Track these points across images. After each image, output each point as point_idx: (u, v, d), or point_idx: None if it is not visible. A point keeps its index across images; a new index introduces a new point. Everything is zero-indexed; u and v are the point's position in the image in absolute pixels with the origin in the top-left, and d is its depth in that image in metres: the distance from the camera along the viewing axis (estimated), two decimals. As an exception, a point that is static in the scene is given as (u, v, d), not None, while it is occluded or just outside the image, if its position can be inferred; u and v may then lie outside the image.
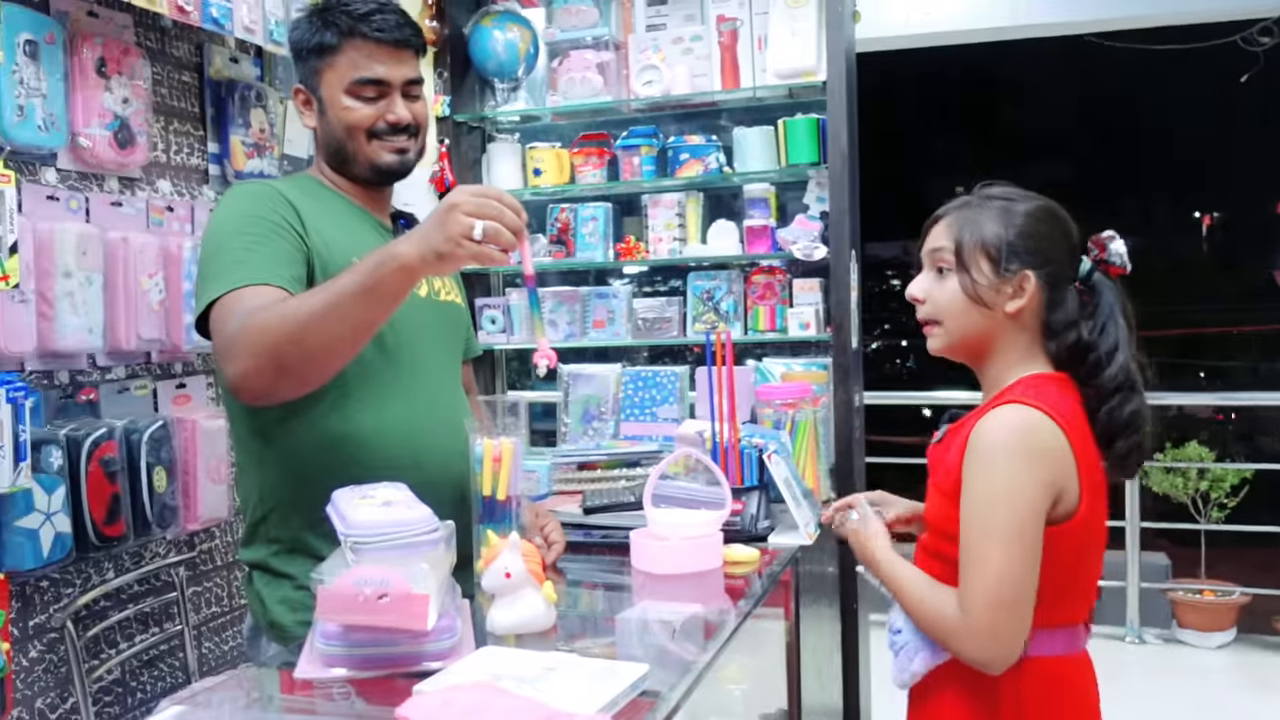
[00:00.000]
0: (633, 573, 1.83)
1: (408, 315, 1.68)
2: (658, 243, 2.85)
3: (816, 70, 2.65)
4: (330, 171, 1.77)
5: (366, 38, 1.68)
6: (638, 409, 2.83)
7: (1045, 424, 1.38)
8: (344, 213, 1.73)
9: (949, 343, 1.51)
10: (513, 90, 2.94)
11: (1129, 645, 4.39)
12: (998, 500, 1.36)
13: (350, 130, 1.69)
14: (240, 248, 1.55)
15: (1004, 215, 1.47)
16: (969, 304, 1.46)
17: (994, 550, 1.35)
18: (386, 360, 1.68)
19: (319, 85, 1.71)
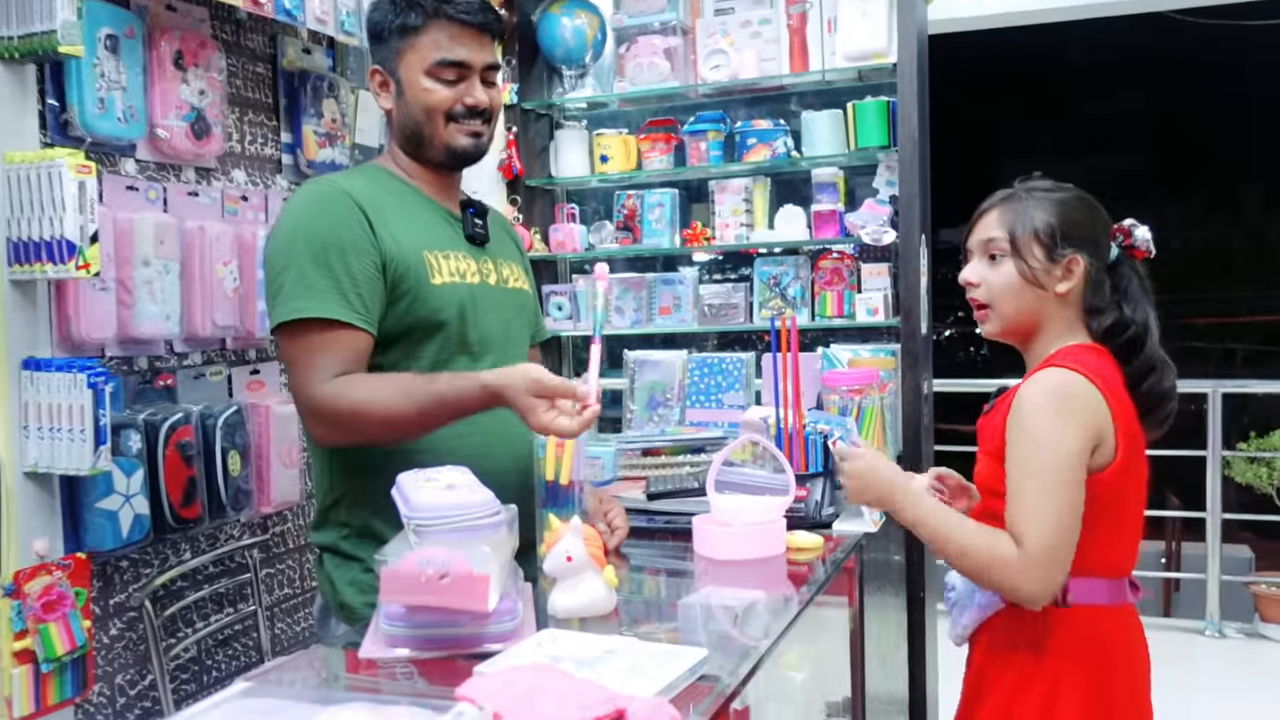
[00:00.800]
0: (695, 558, 1.83)
1: (479, 303, 1.73)
2: (724, 228, 2.84)
3: (887, 52, 2.62)
4: (403, 157, 1.78)
5: (451, 19, 1.70)
6: (703, 395, 2.82)
7: (1081, 382, 1.49)
8: (413, 204, 1.75)
9: (1003, 325, 1.63)
10: (580, 77, 2.94)
11: (1208, 639, 4.28)
12: (1040, 448, 1.47)
13: (429, 112, 1.71)
14: (314, 268, 1.59)
15: (1049, 205, 1.59)
16: (1023, 286, 1.58)
17: (1040, 489, 1.46)
18: (458, 348, 1.71)
19: (399, 66, 1.72)
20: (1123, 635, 1.57)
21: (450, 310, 1.69)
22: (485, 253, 1.81)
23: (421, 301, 1.66)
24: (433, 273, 1.68)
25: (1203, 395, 4.53)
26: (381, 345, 1.65)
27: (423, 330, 1.68)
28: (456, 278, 1.71)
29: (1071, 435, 1.47)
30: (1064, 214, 1.59)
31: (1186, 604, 5.86)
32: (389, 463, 1.58)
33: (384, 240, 1.64)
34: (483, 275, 1.77)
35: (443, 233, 1.75)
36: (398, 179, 1.77)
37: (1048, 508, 1.45)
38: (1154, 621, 4.86)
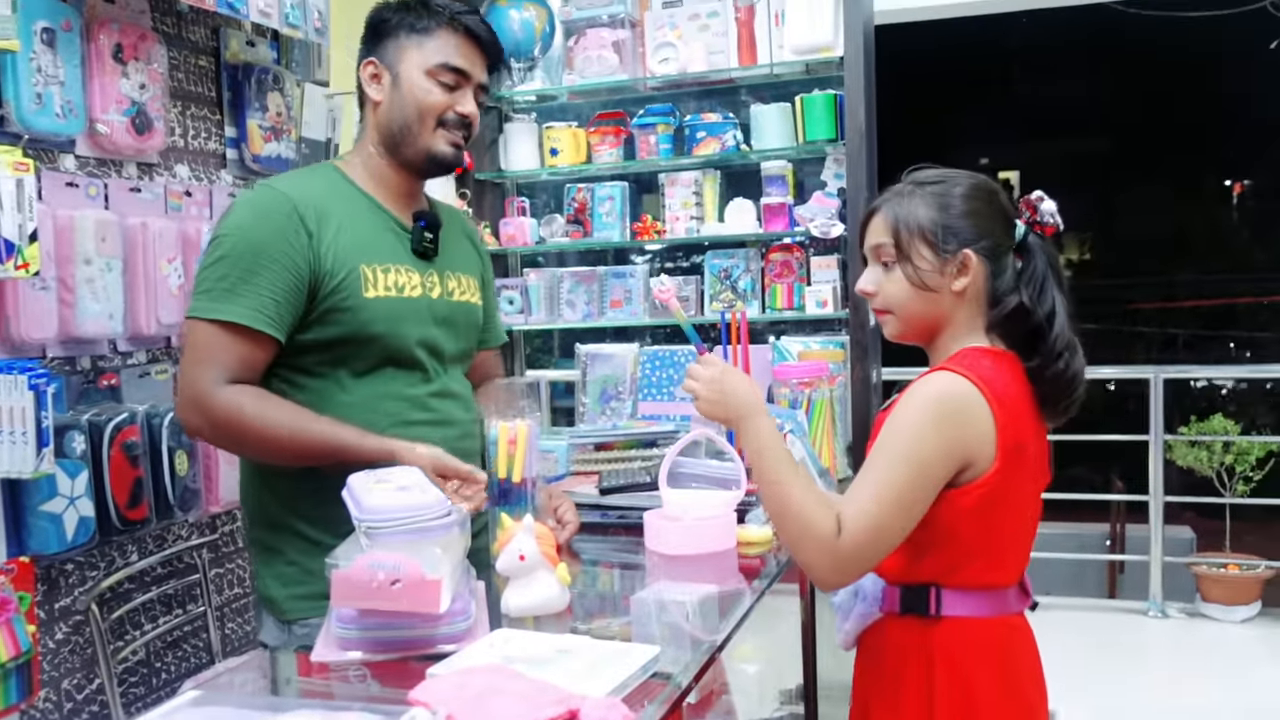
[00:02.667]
0: (647, 553, 1.84)
1: (414, 317, 1.75)
2: (675, 221, 2.85)
3: (834, 46, 2.63)
4: (373, 157, 1.79)
5: (461, 30, 1.76)
6: (655, 388, 2.83)
7: (968, 390, 1.42)
8: (362, 213, 1.75)
9: (902, 329, 1.56)
10: (529, 70, 2.93)
11: (1152, 619, 4.38)
12: (900, 448, 1.40)
13: (423, 112, 1.74)
14: (240, 273, 1.61)
15: (935, 199, 1.50)
16: (916, 291, 1.50)
17: (881, 486, 1.38)
18: (388, 361, 1.73)
19: (399, 60, 1.75)
20: (1001, 646, 1.50)
21: (381, 323, 1.70)
22: (432, 266, 1.81)
23: (353, 314, 1.67)
24: (367, 285, 1.69)
25: (1145, 380, 4.62)
26: (310, 353, 1.68)
27: (354, 342, 1.69)
28: (393, 291, 1.73)
29: (935, 447, 1.40)
30: (953, 206, 1.49)
31: (1131, 585, 5.99)
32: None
33: (321, 251, 1.66)
34: (425, 289, 1.78)
35: (386, 244, 1.76)
36: (352, 186, 1.78)
37: (877, 510, 1.37)
38: (1099, 603, 4.98)
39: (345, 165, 1.81)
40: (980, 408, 1.41)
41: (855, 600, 1.58)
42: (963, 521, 1.44)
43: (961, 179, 1.53)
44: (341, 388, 1.70)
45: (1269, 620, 4.32)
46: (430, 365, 1.78)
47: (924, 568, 1.49)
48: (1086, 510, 6.17)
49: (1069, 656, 3.93)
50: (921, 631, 1.50)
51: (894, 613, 1.53)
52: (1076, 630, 4.27)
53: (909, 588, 1.51)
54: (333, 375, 1.70)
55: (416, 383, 1.76)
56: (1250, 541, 4.74)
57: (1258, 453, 4.63)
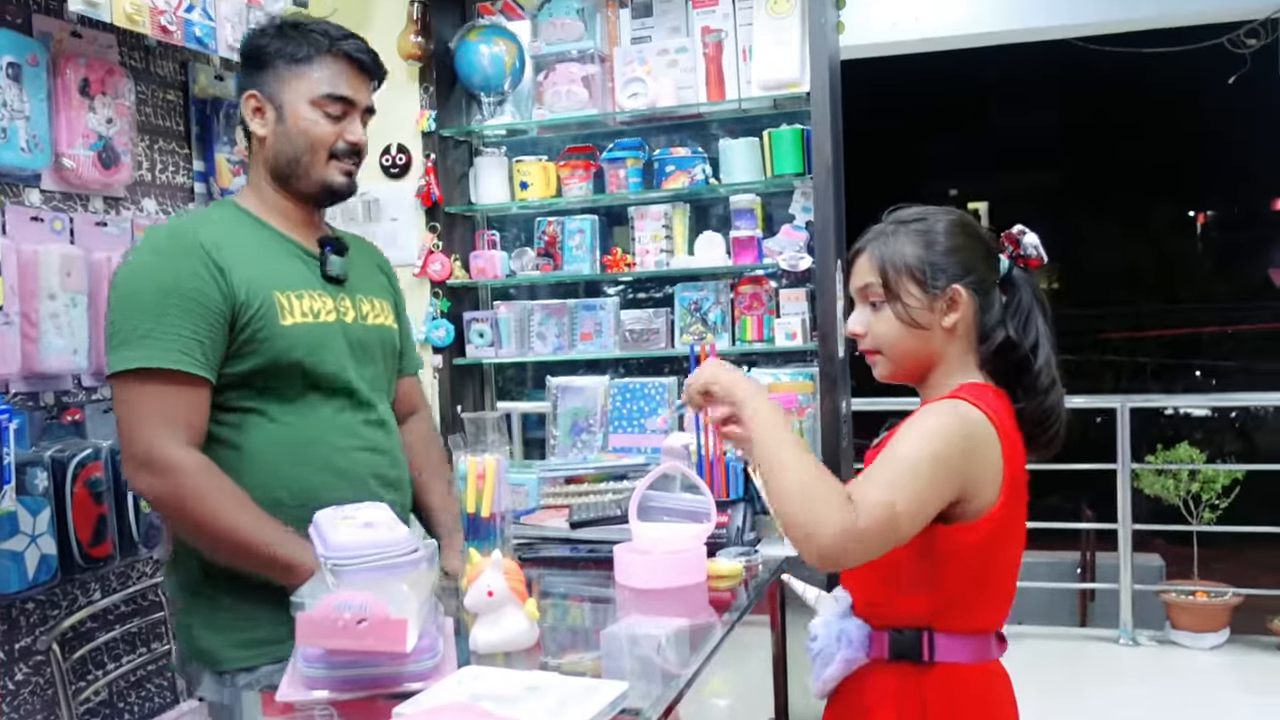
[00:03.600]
0: (617, 587, 1.84)
1: (332, 342, 1.74)
2: (645, 254, 2.86)
3: (801, 81, 2.66)
4: (266, 189, 1.77)
5: (342, 57, 1.74)
6: (626, 421, 2.84)
7: (982, 420, 1.39)
8: (267, 243, 1.74)
9: (893, 369, 1.53)
10: (499, 104, 2.94)
11: (1122, 647, 4.39)
12: (920, 443, 1.35)
13: (313, 145, 1.73)
14: (156, 317, 1.58)
15: (920, 236, 1.49)
16: (906, 330, 1.48)
17: (902, 478, 1.33)
18: (310, 388, 1.71)
19: (281, 92, 1.72)
20: (987, 695, 1.48)
21: (301, 350, 1.69)
22: (344, 290, 1.80)
23: (272, 342, 1.66)
24: (283, 313, 1.68)
25: (1112, 410, 4.67)
26: (234, 388, 1.66)
27: (274, 371, 1.68)
28: (309, 317, 1.71)
29: (951, 458, 1.36)
30: (938, 242, 1.48)
31: (1101, 613, 6.02)
32: None
33: (233, 284, 1.64)
34: (339, 313, 1.77)
35: (296, 271, 1.75)
36: (252, 218, 1.76)
37: (895, 498, 1.31)
38: (1070, 631, 4.99)
39: (242, 200, 1.79)
40: (991, 440, 1.40)
41: (839, 646, 1.52)
42: (963, 559, 1.41)
43: (941, 215, 1.53)
44: (268, 419, 1.68)
45: (1237, 648, 4.34)
46: (354, 391, 1.76)
47: (917, 609, 1.45)
48: (1057, 539, 6.20)
49: (1042, 685, 3.94)
50: (913, 679, 1.46)
51: (881, 659, 1.49)
52: (1049, 659, 4.28)
53: (900, 632, 1.47)
54: (257, 408, 1.68)
55: (343, 409, 1.75)
56: (1218, 569, 4.78)
57: (1223, 480, 4.67)
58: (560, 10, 2.88)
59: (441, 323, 2.93)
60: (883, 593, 1.50)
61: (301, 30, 1.74)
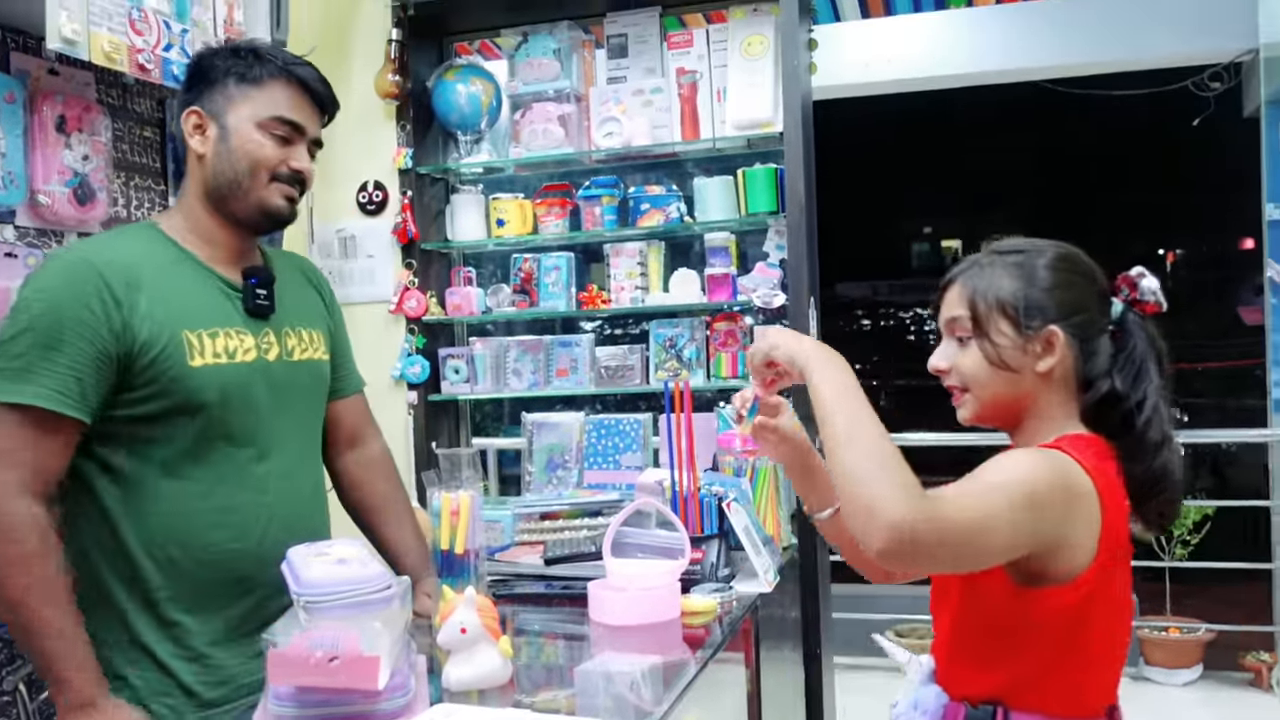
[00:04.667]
0: (591, 624, 1.84)
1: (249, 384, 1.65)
2: (620, 291, 2.88)
3: (774, 121, 2.70)
4: (197, 211, 1.68)
5: (294, 81, 1.69)
6: (601, 457, 2.84)
7: (1078, 472, 1.26)
8: (183, 276, 1.64)
9: (978, 411, 1.40)
10: (476, 142, 2.97)
11: (1097, 683, 4.40)
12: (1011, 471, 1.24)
13: (255, 166, 1.65)
14: (39, 351, 1.49)
15: (1017, 270, 1.37)
16: (994, 371, 1.36)
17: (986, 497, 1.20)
18: (220, 435, 1.62)
19: (227, 111, 1.65)
20: None
21: (210, 393, 1.59)
22: (268, 325, 1.71)
23: (178, 384, 1.57)
24: (192, 354, 1.59)
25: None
26: (128, 433, 1.57)
27: (179, 416, 1.58)
28: (223, 358, 1.62)
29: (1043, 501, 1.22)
30: (1037, 278, 1.35)
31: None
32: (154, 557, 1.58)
33: (133, 320, 1.55)
34: (260, 351, 1.68)
35: (213, 307, 1.65)
36: (172, 245, 1.66)
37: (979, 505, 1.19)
38: (1046, 667, 4.99)
39: (166, 223, 1.70)
40: (1088, 494, 1.26)
41: (915, 714, 1.40)
42: (1052, 627, 1.28)
43: (1047, 249, 1.39)
44: (165, 469, 1.59)
45: (1210, 683, 4.37)
46: (266, 438, 1.67)
47: (994, 680, 1.32)
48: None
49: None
50: None
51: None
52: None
53: (974, 707, 1.33)
54: (154, 456, 1.58)
55: (253, 460, 1.66)
56: (1191, 604, 4.81)
57: (1194, 516, 4.71)
58: (537, 51, 2.91)
59: (417, 359, 2.93)
60: (961, 659, 1.39)
61: (256, 53, 1.69)
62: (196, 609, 1.60)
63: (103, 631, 1.55)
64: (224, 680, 1.61)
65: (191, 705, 1.58)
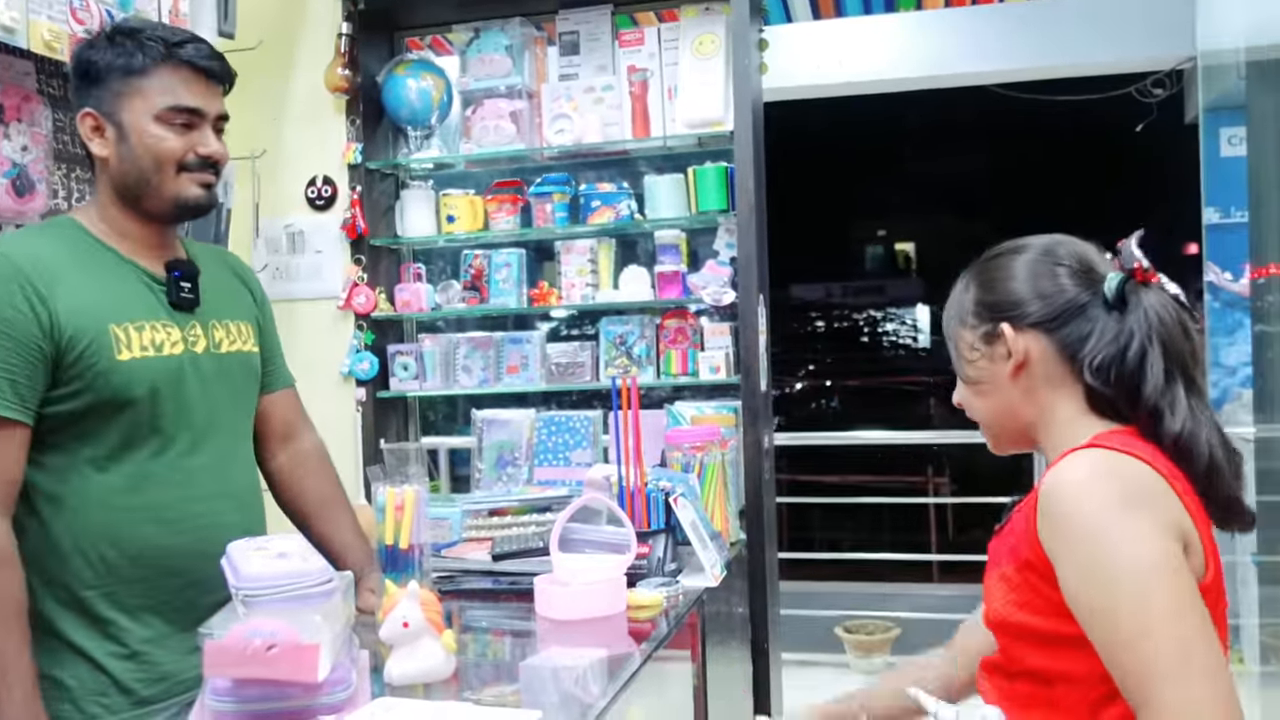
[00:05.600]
0: (537, 619, 1.84)
1: (178, 377, 1.62)
2: (571, 289, 2.88)
3: (725, 120, 2.72)
4: (112, 210, 1.63)
5: (182, 64, 1.59)
6: (551, 454, 2.84)
7: (1130, 462, 1.11)
8: (104, 269, 1.60)
9: (996, 439, 1.31)
10: (426, 138, 2.95)
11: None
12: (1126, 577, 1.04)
13: (160, 161, 1.59)
14: None
15: (974, 278, 1.29)
16: (978, 391, 1.28)
17: (1148, 626, 1.02)
18: (149, 430, 1.60)
19: (120, 110, 1.58)
20: None
21: (140, 388, 1.56)
22: (194, 317, 1.68)
23: (105, 379, 1.53)
24: (119, 347, 1.55)
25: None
26: (57, 431, 1.54)
27: (108, 410, 1.55)
28: (150, 351, 1.59)
29: (1154, 537, 1.05)
30: (984, 279, 1.27)
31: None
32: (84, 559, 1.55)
33: (58, 315, 1.51)
34: (187, 343, 1.65)
35: (137, 300, 1.61)
36: (91, 239, 1.62)
37: (1174, 652, 1.00)
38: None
39: (84, 217, 1.65)
40: (1160, 488, 1.11)
41: None
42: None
43: (1009, 245, 1.29)
44: (95, 467, 1.56)
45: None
46: (197, 431, 1.65)
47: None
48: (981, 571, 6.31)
49: (962, 717, 4.00)
50: None
51: None
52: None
53: None
54: (84, 453, 1.55)
55: (185, 454, 1.63)
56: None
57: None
58: (489, 47, 2.91)
59: (366, 355, 2.91)
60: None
61: (135, 38, 1.58)
62: (131, 607, 1.58)
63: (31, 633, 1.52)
64: (161, 677, 1.59)
65: (129, 703, 1.56)
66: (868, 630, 4.83)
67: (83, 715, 1.54)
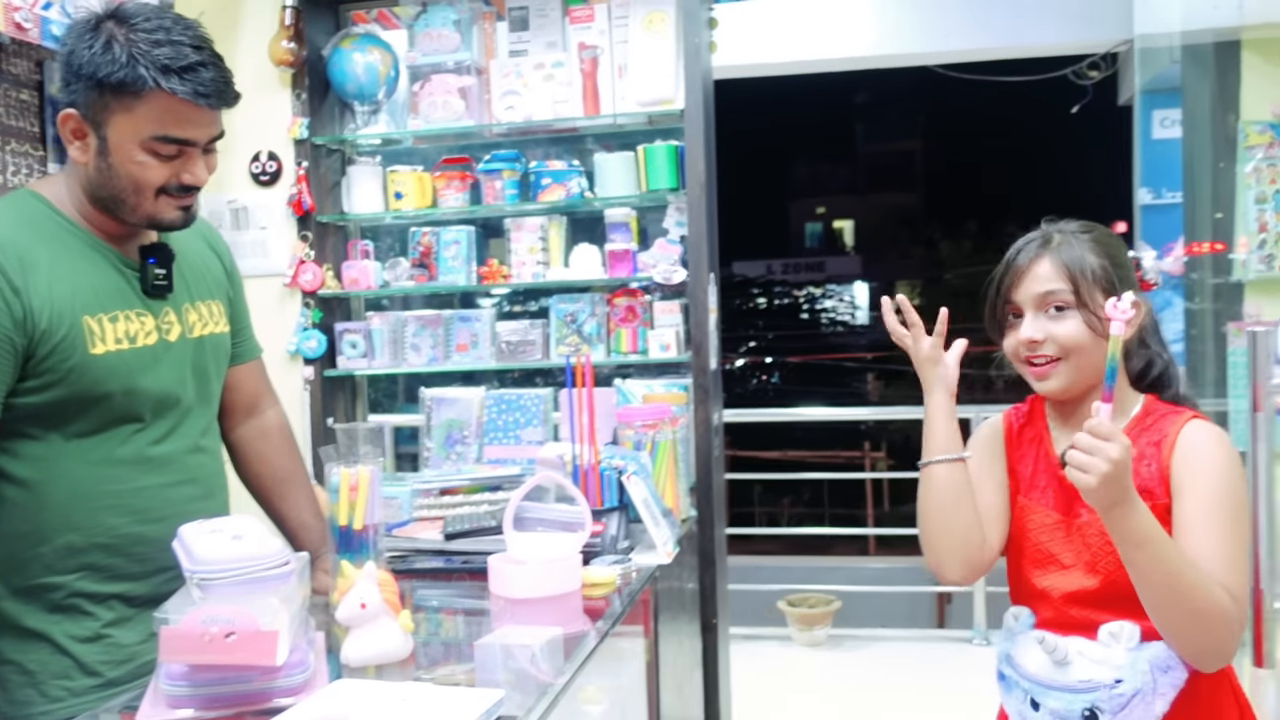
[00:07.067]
0: (492, 598, 1.84)
1: (151, 368, 1.59)
2: (520, 266, 2.87)
3: (675, 99, 2.72)
4: (85, 199, 1.55)
5: (180, 96, 1.47)
6: (501, 432, 2.84)
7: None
8: (77, 254, 1.54)
9: (1074, 378, 1.50)
10: (373, 113, 2.91)
11: (976, 647, 4.58)
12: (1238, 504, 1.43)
13: (139, 187, 1.51)
14: None
15: (1096, 247, 1.51)
16: (1096, 338, 1.47)
17: (1240, 545, 1.41)
18: (121, 419, 1.56)
19: (106, 123, 1.48)
20: None
21: (114, 383, 1.53)
22: (167, 304, 1.63)
23: (79, 373, 1.49)
24: (94, 340, 1.50)
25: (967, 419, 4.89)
26: (27, 420, 1.50)
27: (79, 403, 1.51)
28: (125, 343, 1.55)
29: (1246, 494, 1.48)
30: (1115, 256, 1.51)
31: (957, 616, 6.27)
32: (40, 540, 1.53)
33: (32, 307, 1.46)
34: (161, 333, 1.61)
35: (111, 289, 1.55)
36: (60, 219, 1.54)
37: (1245, 573, 1.41)
38: (928, 633, 5.18)
39: (50, 191, 1.56)
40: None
41: (1157, 675, 1.40)
42: None
43: (1103, 229, 1.56)
44: (65, 454, 1.52)
45: (1084, 646, 4.58)
46: (168, 418, 1.62)
47: None
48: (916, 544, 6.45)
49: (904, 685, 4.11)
50: (1225, 675, 1.49)
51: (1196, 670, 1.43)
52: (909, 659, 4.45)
53: None
54: (54, 441, 1.52)
55: (156, 441, 1.60)
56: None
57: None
58: (436, 22, 2.87)
59: (313, 333, 2.88)
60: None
61: (135, 50, 1.45)
62: (96, 591, 1.56)
63: None
64: (127, 658, 1.58)
65: (94, 684, 1.54)
66: (810, 603, 4.89)
67: (46, 699, 1.52)
